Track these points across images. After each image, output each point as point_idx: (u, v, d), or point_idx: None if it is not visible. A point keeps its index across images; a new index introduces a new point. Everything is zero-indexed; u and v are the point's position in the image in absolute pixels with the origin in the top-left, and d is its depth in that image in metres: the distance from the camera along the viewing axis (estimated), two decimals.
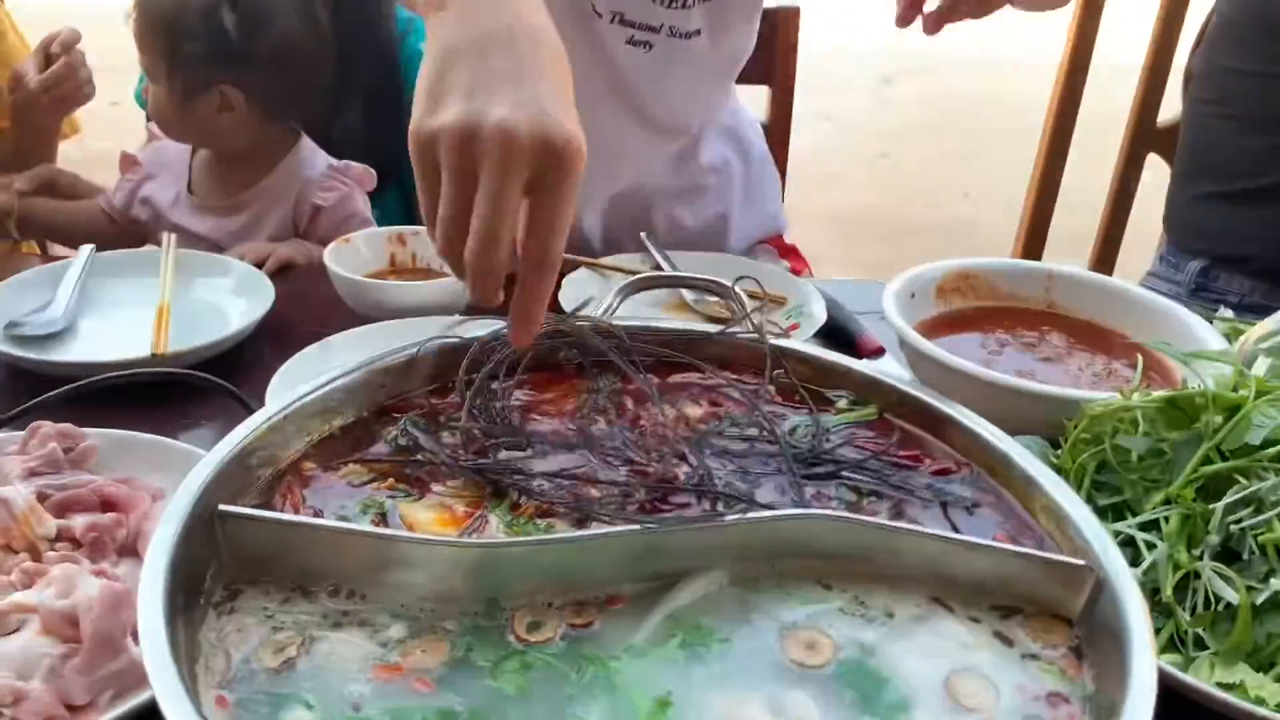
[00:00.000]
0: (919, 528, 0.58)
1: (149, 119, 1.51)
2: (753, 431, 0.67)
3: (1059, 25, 1.87)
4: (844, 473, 0.64)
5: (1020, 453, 0.65)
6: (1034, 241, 2.03)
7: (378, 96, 1.58)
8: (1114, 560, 0.56)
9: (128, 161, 1.53)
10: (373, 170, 1.49)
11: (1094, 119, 2.01)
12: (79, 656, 0.66)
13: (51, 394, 0.92)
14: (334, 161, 1.48)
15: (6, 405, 1.00)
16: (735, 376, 0.73)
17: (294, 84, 1.44)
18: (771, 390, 0.71)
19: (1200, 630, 0.73)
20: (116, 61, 1.89)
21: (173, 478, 0.85)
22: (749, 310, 0.75)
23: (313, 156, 1.49)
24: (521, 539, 0.56)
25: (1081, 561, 0.56)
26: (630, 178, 1.46)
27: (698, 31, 1.32)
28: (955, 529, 0.61)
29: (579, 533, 0.57)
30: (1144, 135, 1.86)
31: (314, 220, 1.45)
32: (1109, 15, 1.87)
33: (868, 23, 6.19)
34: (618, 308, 0.79)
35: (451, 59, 0.63)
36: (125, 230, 1.52)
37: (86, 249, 1.23)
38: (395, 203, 1.60)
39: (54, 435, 0.85)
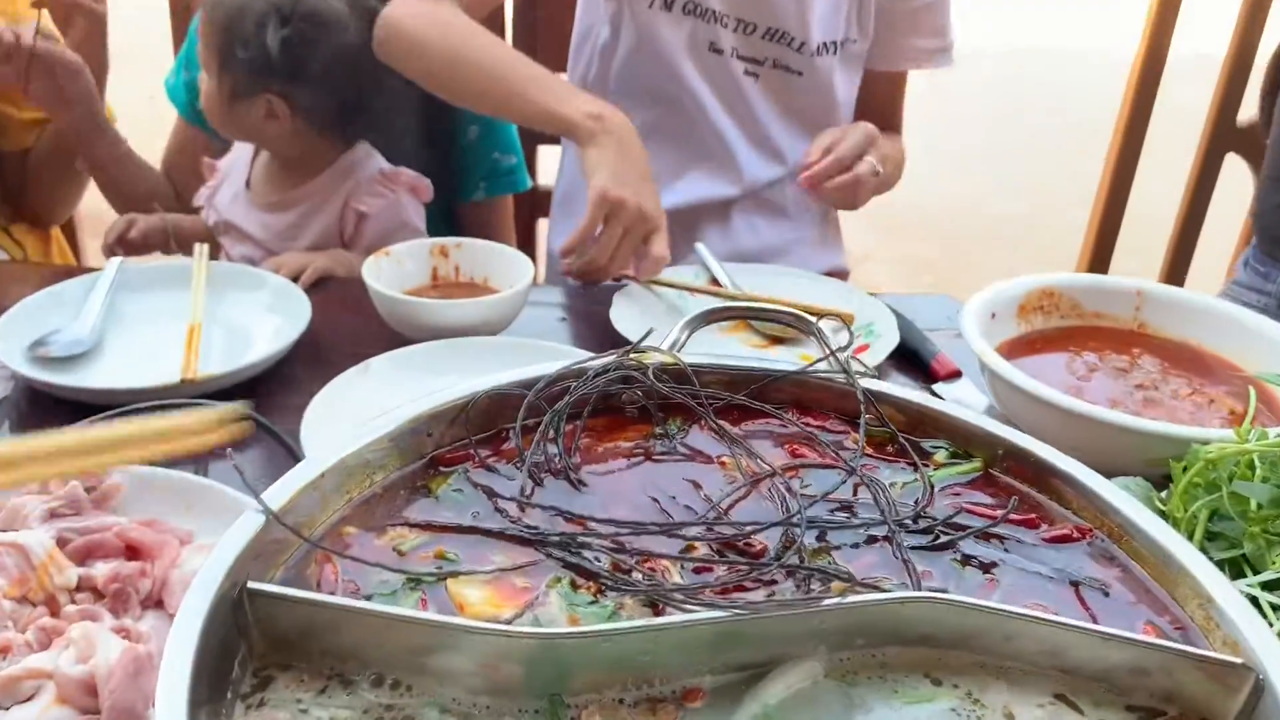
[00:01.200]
0: (1052, 616, 0.51)
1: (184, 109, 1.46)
2: (845, 493, 0.59)
3: (1124, 13, 1.78)
4: (958, 542, 0.56)
5: (1151, 520, 0.56)
6: (1103, 246, 1.93)
7: (431, 116, 1.51)
8: (1275, 656, 0.48)
9: (210, 169, 1.49)
10: (427, 180, 1.43)
11: (1163, 116, 1.91)
12: None
13: (75, 426, 0.86)
14: (386, 167, 1.42)
15: (27, 432, 0.95)
16: (819, 423, 0.66)
17: (344, 100, 1.38)
18: (861, 441, 0.64)
19: None
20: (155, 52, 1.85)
21: (201, 520, 0.80)
22: (834, 347, 0.67)
23: (366, 160, 1.43)
24: (583, 629, 0.49)
25: (1238, 659, 0.48)
26: (718, 187, 1.50)
27: (800, 72, 1.46)
28: (1089, 612, 0.53)
29: (651, 621, 0.50)
30: (1224, 133, 1.76)
31: (359, 228, 1.40)
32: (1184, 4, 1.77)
33: None
34: (685, 342, 0.71)
35: (620, 154, 1.18)
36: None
37: (115, 261, 1.17)
38: (436, 218, 1.54)
39: (75, 474, 0.80)
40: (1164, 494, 0.81)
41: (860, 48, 1.49)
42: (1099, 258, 1.94)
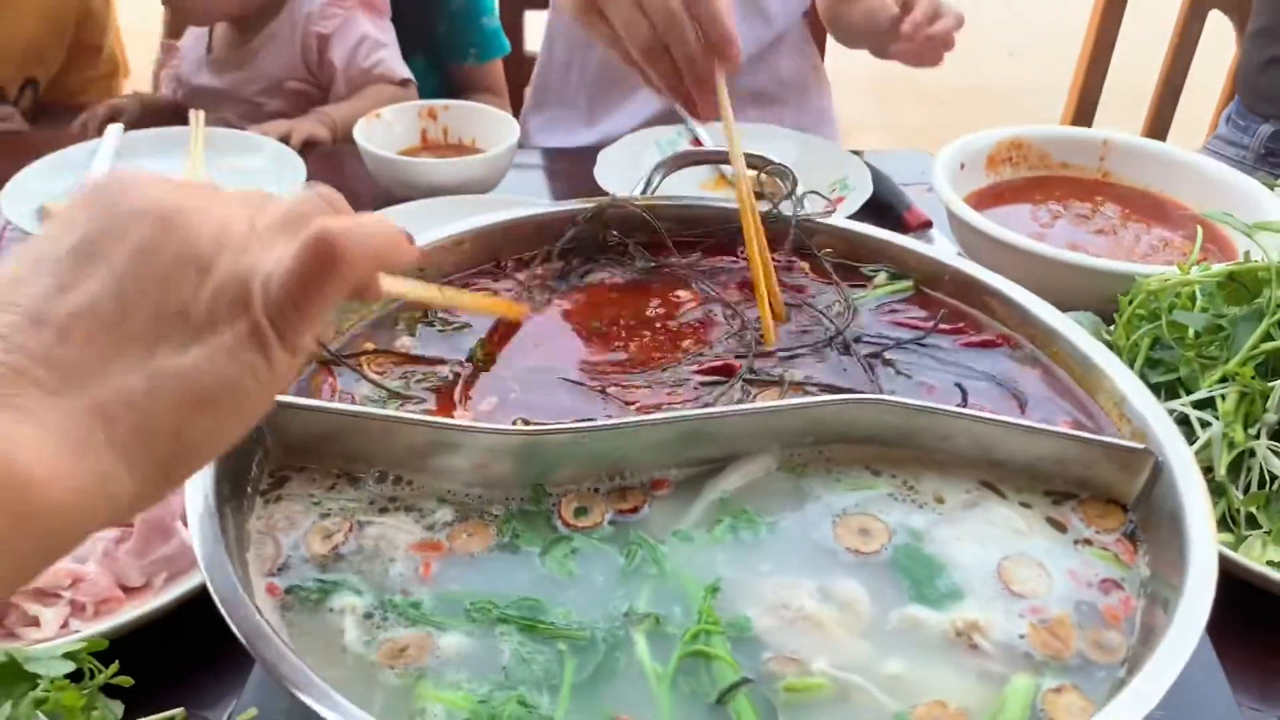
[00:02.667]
0: (975, 412, 0.57)
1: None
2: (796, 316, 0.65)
3: None
4: (887, 353, 0.62)
5: (1072, 328, 0.62)
6: (1086, 102, 1.93)
7: None
8: (1174, 443, 0.54)
9: (168, 48, 1.51)
10: None
11: None
12: (131, 540, 0.67)
13: None
14: None
15: None
16: (774, 258, 0.71)
17: None
18: (805, 268, 0.69)
19: (1253, 509, 0.72)
20: None
21: None
22: (794, 194, 0.72)
23: None
24: (564, 426, 0.55)
25: (1140, 445, 0.55)
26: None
27: None
28: (1021, 410, 0.60)
29: (622, 419, 0.56)
30: None
31: (323, 54, 1.43)
32: None
33: None
34: (659, 185, 0.76)
35: None
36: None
37: (115, 128, 1.21)
38: (424, 72, 1.56)
39: None
40: (1112, 327, 0.87)
41: None
42: (1081, 116, 1.95)
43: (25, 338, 0.34)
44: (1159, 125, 1.92)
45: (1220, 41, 1.88)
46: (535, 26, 1.78)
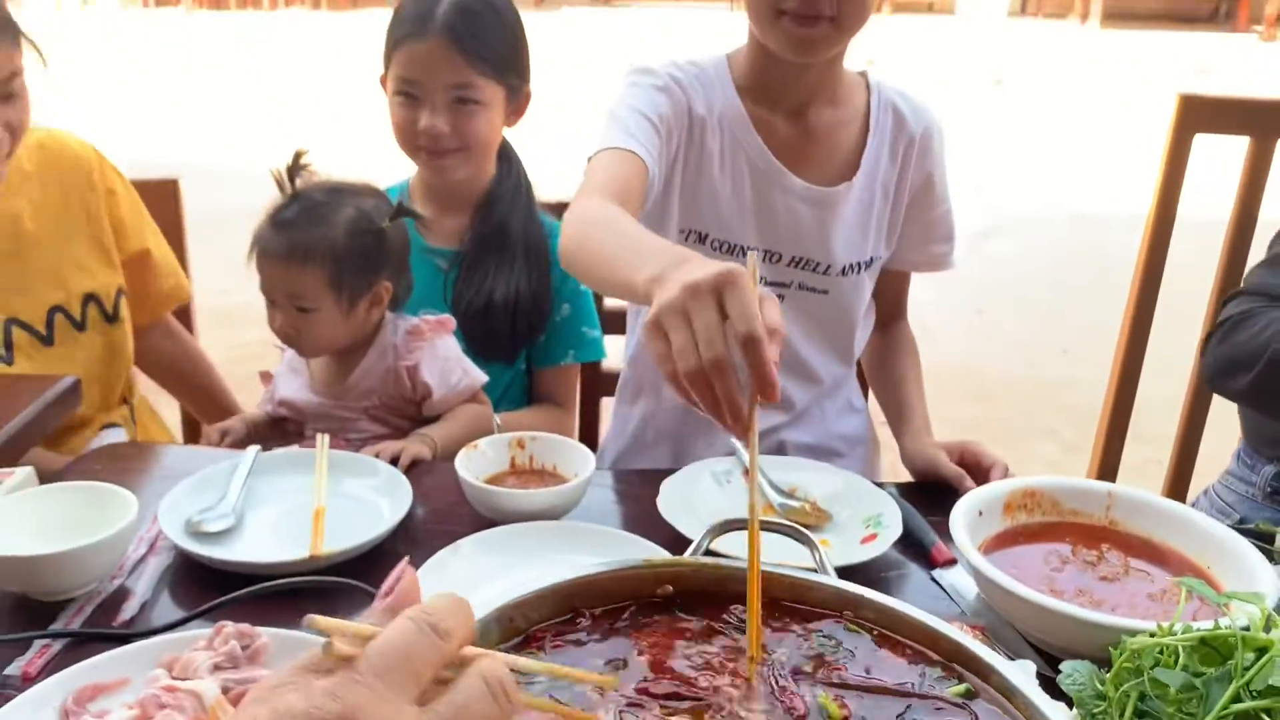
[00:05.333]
0: None
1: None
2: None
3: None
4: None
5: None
6: (1121, 407, 2.08)
7: (537, 296, 1.84)
8: None
9: (266, 378, 1.76)
10: (442, 316, 1.71)
11: (1194, 279, 2.07)
12: None
13: (232, 596, 1.10)
14: (405, 323, 1.68)
15: (185, 594, 1.19)
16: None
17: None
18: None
19: None
20: None
21: None
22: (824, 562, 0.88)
23: (394, 323, 1.70)
24: None
25: None
26: (767, 419, 1.69)
27: (825, 291, 1.64)
28: None
29: None
30: None
31: (414, 379, 1.65)
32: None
33: (965, 179, 6.39)
34: (707, 546, 0.93)
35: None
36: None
37: (253, 449, 1.42)
38: (520, 378, 1.88)
39: (234, 634, 1.02)
40: (1108, 674, 0.99)
41: (883, 261, 1.71)
42: (1118, 418, 2.07)
43: None
44: (1189, 439, 2.04)
45: None
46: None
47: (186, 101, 8.47)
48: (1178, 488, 2.02)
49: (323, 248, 1.56)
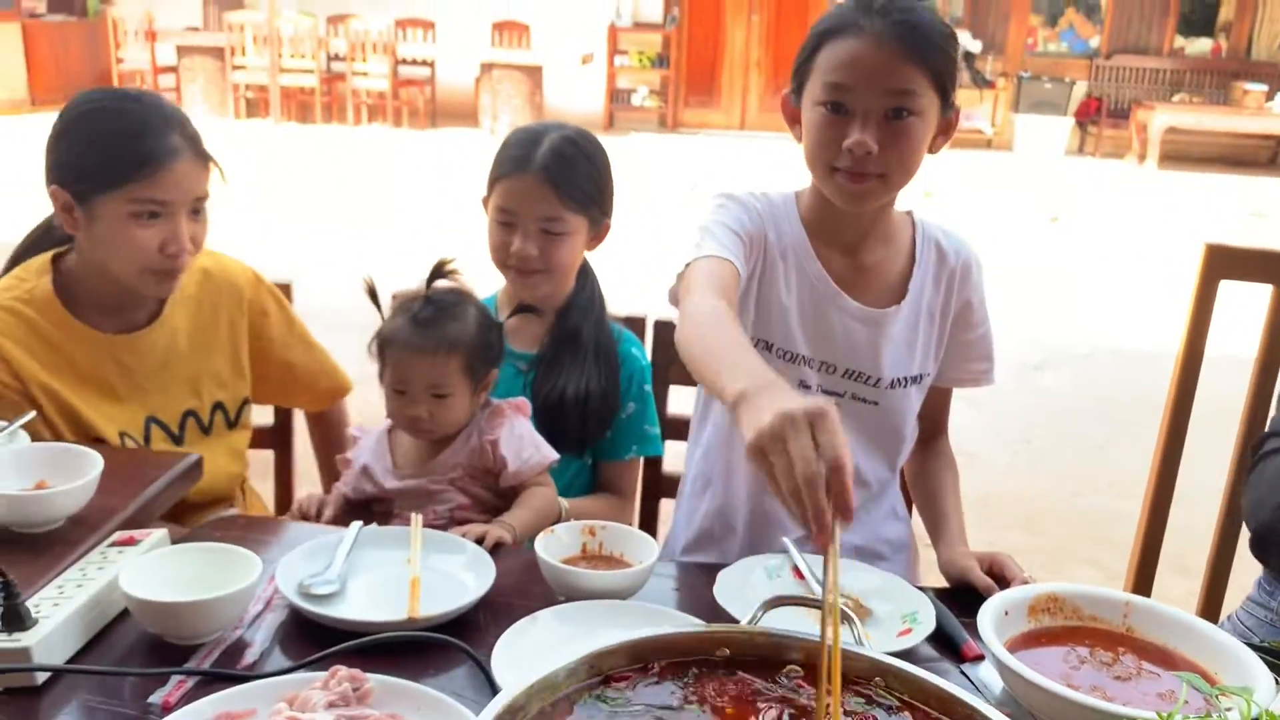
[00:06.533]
0: None
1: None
2: None
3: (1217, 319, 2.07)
4: None
5: None
6: (1152, 538, 2.18)
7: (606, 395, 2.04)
8: None
9: (345, 462, 1.95)
10: (519, 400, 1.90)
11: (1226, 412, 2.19)
12: None
13: (346, 645, 1.27)
14: (487, 406, 1.88)
15: (296, 646, 1.36)
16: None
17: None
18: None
19: None
20: None
21: (427, 716, 1.16)
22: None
23: (479, 407, 1.90)
24: None
25: None
26: None
27: (875, 402, 1.80)
28: None
29: None
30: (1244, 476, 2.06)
31: (495, 452, 1.83)
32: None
33: (1020, 309, 6.54)
34: (761, 618, 1.08)
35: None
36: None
37: (356, 525, 1.60)
38: (586, 470, 2.05)
39: (348, 677, 1.18)
40: None
41: (930, 379, 1.88)
42: (1149, 547, 2.18)
43: None
44: (1219, 568, 2.14)
45: None
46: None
47: (280, 210, 8.95)
48: (1209, 612, 2.11)
49: (463, 339, 1.81)
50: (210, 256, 2.06)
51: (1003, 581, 1.58)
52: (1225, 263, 2.00)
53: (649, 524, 2.23)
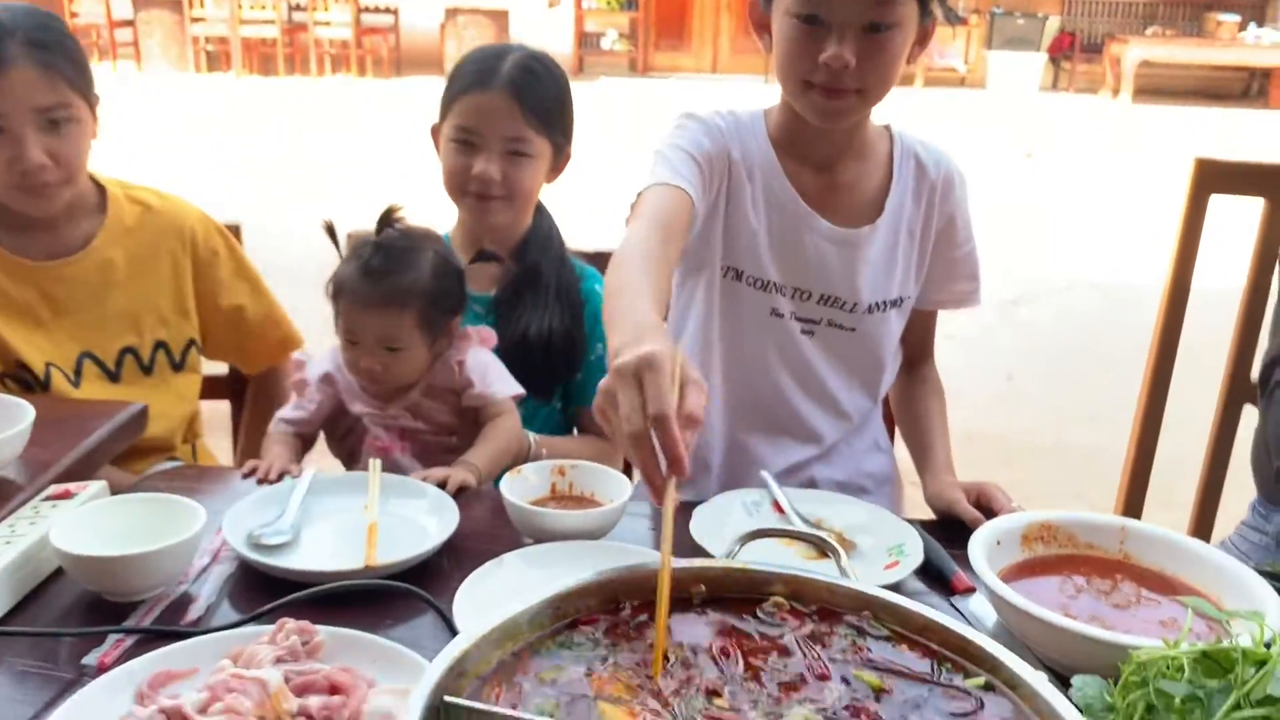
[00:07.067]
0: None
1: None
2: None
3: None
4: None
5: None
6: (1140, 469, 2.13)
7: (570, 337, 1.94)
8: None
9: (301, 385, 1.85)
10: (486, 330, 1.82)
11: (1211, 344, 2.13)
12: None
13: (294, 596, 1.18)
14: (459, 329, 1.80)
15: (245, 601, 1.27)
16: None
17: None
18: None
19: None
20: None
21: (382, 668, 1.08)
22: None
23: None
24: None
25: None
26: (799, 452, 1.78)
27: (852, 329, 1.72)
28: None
29: None
30: (1239, 388, 2.01)
31: (460, 370, 1.76)
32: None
33: (997, 245, 6.47)
34: (738, 552, 1.00)
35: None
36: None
37: (310, 472, 1.51)
38: (559, 418, 1.95)
39: (296, 630, 1.10)
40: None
41: (911, 302, 1.79)
42: (1137, 479, 2.13)
43: None
44: (1208, 498, 2.09)
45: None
46: None
47: (236, 161, 8.74)
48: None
49: (415, 291, 1.69)
50: (157, 195, 1.99)
51: (990, 513, 1.51)
52: (1216, 177, 1.92)
53: (629, 467, 2.15)
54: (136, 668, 1.06)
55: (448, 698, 0.78)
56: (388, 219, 1.74)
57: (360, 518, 1.42)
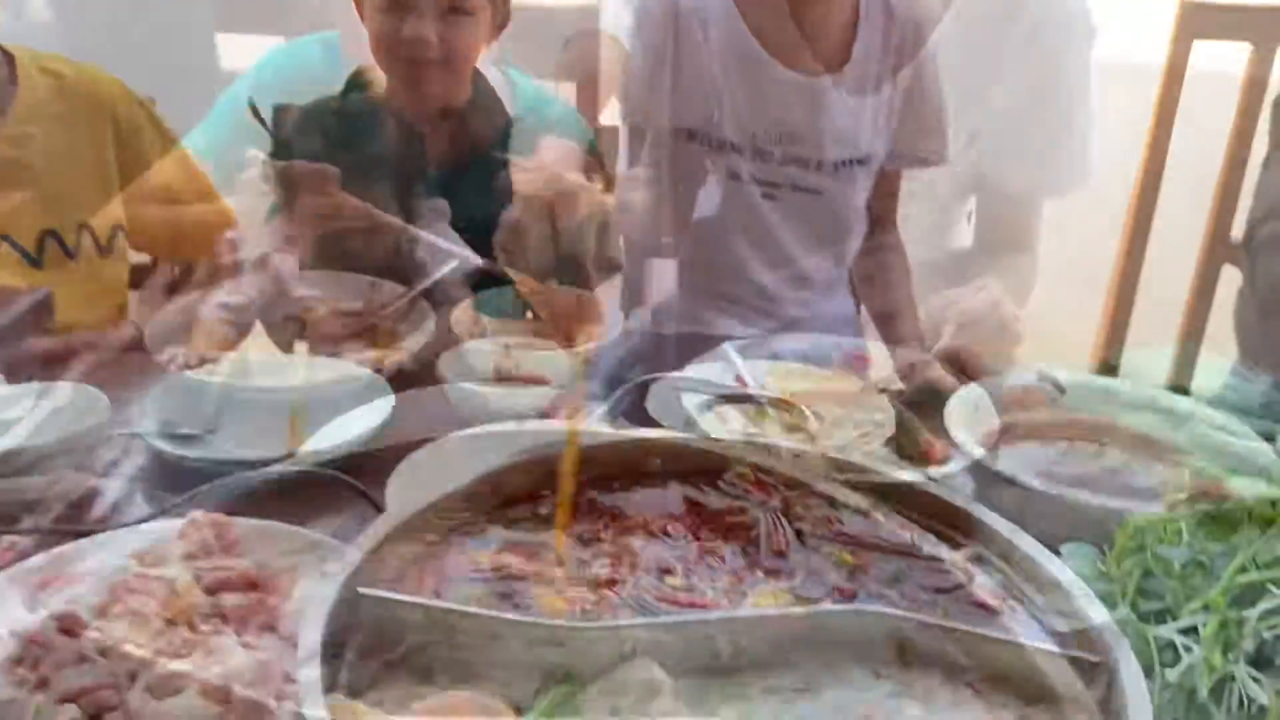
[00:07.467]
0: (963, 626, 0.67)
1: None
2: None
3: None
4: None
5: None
6: (1116, 331, 2.06)
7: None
8: (1125, 654, 0.63)
9: (232, 269, 1.71)
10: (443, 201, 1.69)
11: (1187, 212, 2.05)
12: (233, 717, 0.77)
13: (205, 488, 1.07)
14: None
15: (161, 495, 1.16)
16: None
17: None
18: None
19: None
20: None
21: (306, 562, 0.98)
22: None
23: None
24: (604, 624, 0.66)
25: (1096, 657, 0.64)
26: (762, 324, 1.67)
27: (819, 191, 1.61)
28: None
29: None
30: (1218, 248, 1.92)
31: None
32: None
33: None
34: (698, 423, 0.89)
35: None
36: None
37: (229, 357, 1.38)
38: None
39: (207, 525, 0.99)
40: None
41: (879, 160, 1.66)
42: (1112, 343, 2.06)
43: None
44: (1186, 360, 2.02)
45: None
46: None
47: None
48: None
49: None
50: (68, 64, 1.81)
51: (965, 378, 1.42)
52: (1200, 20, 1.80)
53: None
54: (25, 570, 0.95)
55: (362, 589, 0.68)
56: (357, 81, 1.61)
57: (286, 402, 1.30)
